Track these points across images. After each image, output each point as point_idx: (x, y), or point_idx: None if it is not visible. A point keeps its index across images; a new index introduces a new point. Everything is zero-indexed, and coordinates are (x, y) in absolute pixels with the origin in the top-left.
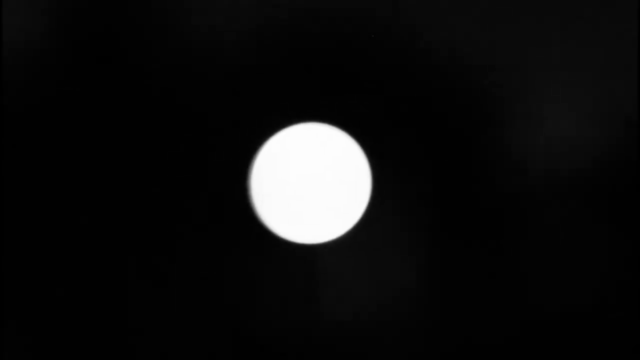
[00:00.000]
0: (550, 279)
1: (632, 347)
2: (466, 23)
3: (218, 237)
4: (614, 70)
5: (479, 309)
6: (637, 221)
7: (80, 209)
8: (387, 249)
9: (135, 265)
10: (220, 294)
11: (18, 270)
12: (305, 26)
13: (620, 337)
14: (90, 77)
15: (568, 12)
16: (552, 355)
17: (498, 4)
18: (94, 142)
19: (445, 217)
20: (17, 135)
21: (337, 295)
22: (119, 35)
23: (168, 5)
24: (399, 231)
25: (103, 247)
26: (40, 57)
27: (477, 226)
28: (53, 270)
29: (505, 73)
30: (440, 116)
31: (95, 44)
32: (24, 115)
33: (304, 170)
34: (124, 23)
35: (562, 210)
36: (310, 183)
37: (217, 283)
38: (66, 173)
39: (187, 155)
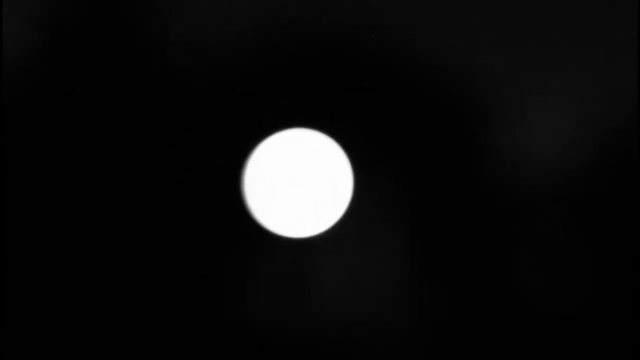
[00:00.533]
0: (536, 282)
1: (619, 349)
2: (453, 28)
3: (213, 232)
4: (611, 74)
5: (461, 301)
6: (627, 226)
7: (78, 210)
8: (367, 241)
9: (133, 263)
10: (216, 283)
11: (18, 272)
12: (292, 36)
13: (606, 339)
14: (87, 81)
15: (566, 12)
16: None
17: (488, 4)
18: (92, 145)
19: (424, 212)
20: (16, 138)
21: (323, 283)
22: (114, 39)
23: (163, 12)
24: (378, 225)
25: (102, 246)
26: (39, 61)
27: (457, 224)
28: (52, 271)
29: (494, 76)
30: (422, 117)
31: (92, 46)
32: (23, 118)
33: (292, 171)
34: (120, 27)
35: (551, 215)
36: (298, 182)
37: (213, 273)
38: (65, 175)
39: (183, 157)
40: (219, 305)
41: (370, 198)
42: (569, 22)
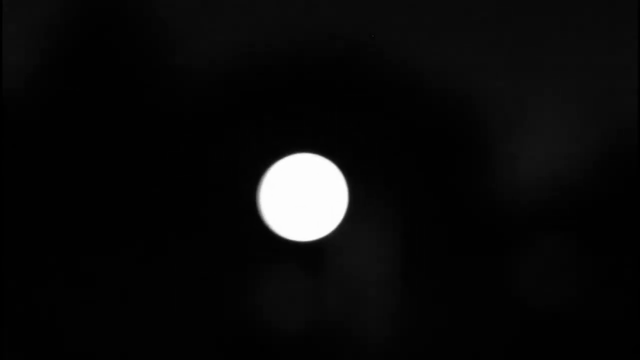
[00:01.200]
0: (535, 284)
1: (618, 349)
2: (451, 32)
3: (217, 232)
4: (611, 74)
5: (459, 303)
6: (626, 227)
7: (79, 210)
8: (362, 245)
9: (134, 263)
10: (217, 283)
11: (17, 272)
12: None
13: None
14: (87, 81)
15: (566, 12)
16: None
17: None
18: (92, 146)
19: (413, 218)
20: (16, 138)
21: (323, 284)
22: (114, 39)
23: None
24: (371, 230)
25: (102, 246)
26: (39, 61)
27: (454, 228)
28: (53, 271)
29: (494, 79)
30: (420, 122)
31: (92, 46)
32: (23, 118)
33: (298, 186)
34: (120, 27)
35: (550, 219)
36: (302, 195)
37: (214, 273)
38: (65, 176)
39: (187, 158)
40: (219, 305)
41: (365, 206)
42: (569, 23)
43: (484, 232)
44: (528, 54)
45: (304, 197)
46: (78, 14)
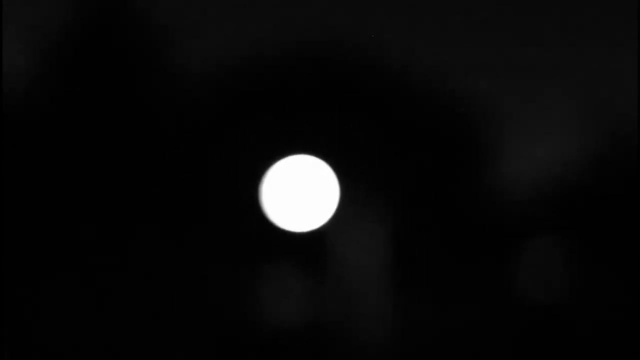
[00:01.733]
0: (530, 287)
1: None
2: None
3: (236, 227)
4: (611, 74)
5: (450, 303)
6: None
7: (79, 211)
8: (357, 245)
9: (134, 264)
10: (217, 283)
11: (17, 271)
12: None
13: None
14: (87, 81)
15: (566, 13)
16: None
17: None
18: (93, 147)
19: (410, 218)
20: (16, 138)
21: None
22: (115, 39)
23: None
24: (360, 223)
25: (103, 246)
26: (39, 62)
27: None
28: (52, 270)
29: (493, 80)
30: (400, 134)
31: (92, 46)
32: (23, 118)
33: (295, 183)
34: (121, 27)
35: (547, 223)
36: (299, 192)
37: (214, 273)
38: (66, 176)
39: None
40: (219, 305)
41: (354, 201)
42: (569, 23)
43: (483, 232)
44: (528, 54)
45: (298, 194)
46: (78, 14)
